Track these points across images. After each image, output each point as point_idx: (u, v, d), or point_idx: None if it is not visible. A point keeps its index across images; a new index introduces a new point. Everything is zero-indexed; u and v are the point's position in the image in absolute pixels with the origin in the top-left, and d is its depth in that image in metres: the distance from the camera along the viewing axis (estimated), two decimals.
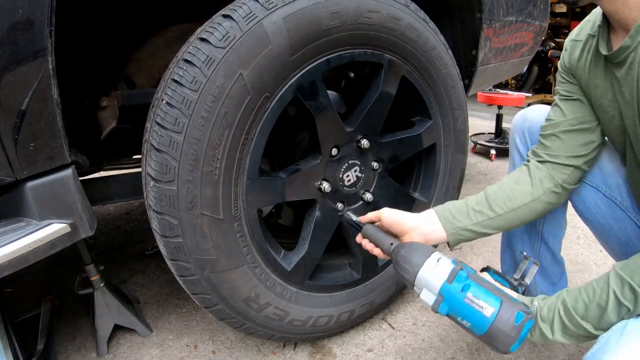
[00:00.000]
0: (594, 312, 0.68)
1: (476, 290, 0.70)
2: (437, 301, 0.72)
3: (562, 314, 0.70)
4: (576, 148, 0.88)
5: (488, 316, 0.67)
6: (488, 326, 0.67)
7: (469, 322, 0.69)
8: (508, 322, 0.66)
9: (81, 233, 0.82)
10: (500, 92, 3.22)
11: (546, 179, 0.90)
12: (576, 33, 0.89)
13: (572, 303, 0.70)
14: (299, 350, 1.20)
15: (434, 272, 0.74)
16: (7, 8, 0.63)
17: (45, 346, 1.14)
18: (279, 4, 0.83)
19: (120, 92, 1.11)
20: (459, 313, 0.71)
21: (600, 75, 0.81)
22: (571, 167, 0.89)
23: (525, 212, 0.90)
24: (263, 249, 0.97)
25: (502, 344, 0.67)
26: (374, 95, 1.06)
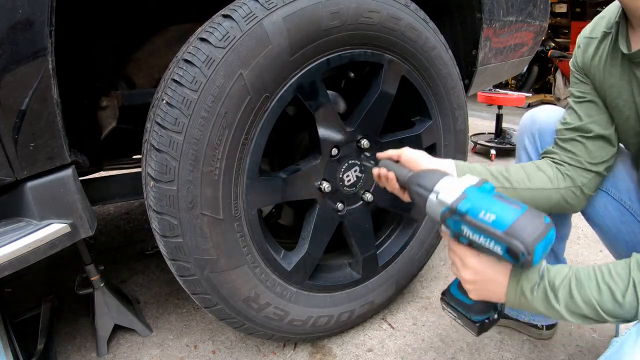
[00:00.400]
0: (606, 293, 0.62)
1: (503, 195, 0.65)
2: (459, 198, 0.65)
3: (572, 284, 0.64)
4: (598, 154, 0.87)
5: (517, 209, 0.61)
6: (517, 217, 0.60)
7: (494, 214, 0.61)
8: (538, 217, 0.60)
9: (81, 233, 0.82)
10: (500, 92, 3.22)
11: (568, 177, 0.88)
12: (590, 30, 0.87)
13: (585, 277, 0.64)
14: (299, 350, 1.20)
15: (459, 180, 0.69)
16: (7, 8, 0.63)
17: (45, 346, 1.14)
18: (279, 4, 0.83)
19: (120, 92, 1.11)
20: (483, 207, 0.63)
21: (617, 74, 0.79)
22: (592, 172, 0.88)
23: (539, 196, 0.88)
24: (263, 249, 0.97)
25: (530, 235, 0.58)
26: (374, 95, 1.06)
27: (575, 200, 0.90)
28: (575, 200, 0.91)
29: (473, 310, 0.76)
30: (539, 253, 0.59)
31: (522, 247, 0.58)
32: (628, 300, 0.60)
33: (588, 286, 0.63)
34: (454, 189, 0.67)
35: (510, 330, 1.25)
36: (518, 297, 0.67)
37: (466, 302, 0.77)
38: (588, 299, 0.62)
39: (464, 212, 0.64)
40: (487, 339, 1.22)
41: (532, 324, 1.21)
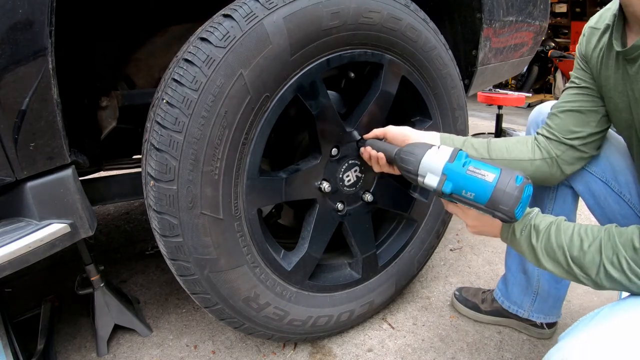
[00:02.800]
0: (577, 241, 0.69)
1: (476, 163, 0.73)
2: (440, 181, 0.75)
3: (552, 228, 0.72)
4: (571, 127, 0.91)
5: (490, 181, 0.69)
6: (491, 190, 0.68)
7: (473, 192, 0.71)
8: (509, 183, 0.68)
9: (81, 233, 0.82)
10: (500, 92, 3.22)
11: (543, 149, 0.95)
12: (595, 20, 0.89)
13: (564, 226, 0.72)
14: (299, 350, 1.20)
15: (436, 156, 0.78)
16: (7, 8, 0.63)
17: (45, 346, 1.14)
18: (279, 4, 0.83)
19: (120, 92, 1.11)
20: (462, 186, 0.72)
21: (612, 68, 0.80)
22: (565, 144, 0.92)
23: (515, 167, 0.93)
24: (263, 249, 0.97)
25: (507, 205, 0.67)
26: (374, 95, 1.06)
27: (551, 172, 0.96)
28: (551, 172, 0.96)
29: None
30: (520, 213, 0.69)
31: (504, 216, 0.69)
32: (592, 251, 0.68)
33: (564, 232, 0.71)
34: (434, 171, 0.77)
35: (510, 330, 1.25)
36: (510, 235, 0.77)
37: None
38: (561, 242, 0.71)
39: (449, 193, 0.75)
40: (487, 339, 1.22)
41: (531, 320, 1.21)
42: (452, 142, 0.96)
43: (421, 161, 0.79)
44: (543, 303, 1.18)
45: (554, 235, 0.71)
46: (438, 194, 0.77)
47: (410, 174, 0.82)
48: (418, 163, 0.80)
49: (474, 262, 1.64)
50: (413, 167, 0.80)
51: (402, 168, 0.84)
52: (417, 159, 0.80)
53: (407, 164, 0.82)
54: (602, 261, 0.66)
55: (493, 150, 0.96)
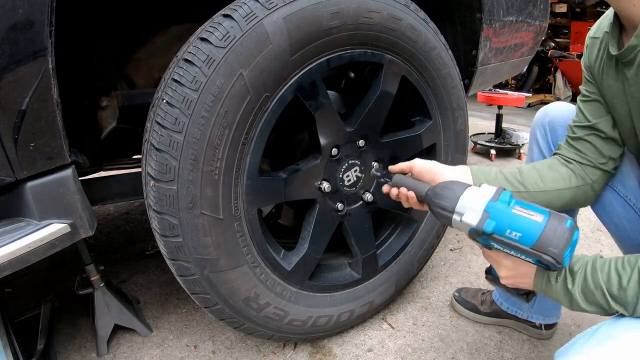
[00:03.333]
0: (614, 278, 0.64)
1: (522, 204, 0.68)
2: (482, 219, 0.68)
3: (587, 269, 0.67)
4: (605, 153, 0.88)
5: (539, 221, 0.64)
6: (540, 231, 0.63)
7: (520, 232, 0.65)
8: (560, 225, 0.63)
9: (81, 233, 0.82)
10: (500, 92, 3.22)
11: (579, 176, 0.90)
12: (595, 30, 0.88)
13: (600, 264, 0.67)
14: (299, 350, 1.20)
15: (477, 194, 0.71)
16: (7, 8, 0.63)
17: (45, 346, 1.14)
18: (279, 4, 0.83)
19: (120, 92, 1.11)
20: (507, 225, 0.66)
21: (612, 75, 0.80)
22: (601, 170, 0.90)
23: (553, 197, 0.90)
24: (263, 249, 0.97)
25: (557, 247, 0.62)
26: (374, 95, 1.06)
27: (586, 196, 0.93)
28: (586, 197, 0.93)
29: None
30: (568, 259, 0.63)
31: (552, 260, 0.62)
32: (632, 286, 0.62)
33: (601, 271, 0.65)
34: (474, 209, 0.69)
35: (510, 330, 1.25)
36: (544, 285, 0.71)
37: None
38: (598, 282, 0.65)
39: (490, 232, 0.67)
40: (487, 339, 1.22)
41: (530, 321, 1.21)
42: (483, 174, 0.90)
43: (460, 197, 0.72)
44: (542, 304, 1.18)
45: (590, 276, 0.66)
46: (477, 233, 0.69)
47: (446, 211, 0.73)
48: (456, 199, 0.72)
49: (474, 262, 1.64)
50: (450, 204, 0.72)
51: (436, 204, 0.76)
52: (456, 195, 0.72)
53: (443, 200, 0.74)
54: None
55: (527, 182, 0.89)
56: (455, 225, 0.73)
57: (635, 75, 0.72)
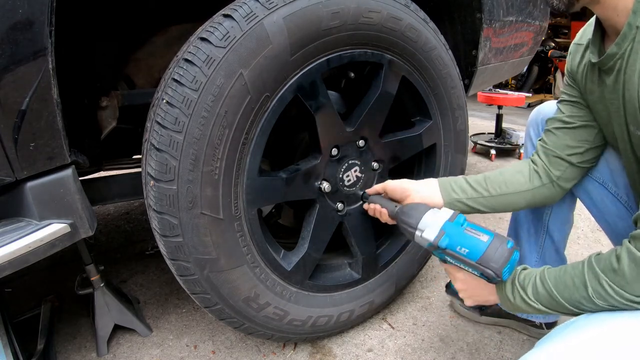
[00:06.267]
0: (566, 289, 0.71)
1: (473, 226, 0.82)
2: (438, 235, 0.81)
3: (536, 280, 0.74)
4: (568, 143, 0.91)
5: (484, 241, 0.77)
6: (485, 249, 0.76)
7: (467, 249, 0.78)
8: (501, 245, 0.76)
9: (81, 233, 0.82)
10: (500, 92, 3.22)
11: (543, 174, 0.94)
12: (579, 37, 0.89)
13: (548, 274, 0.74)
14: (299, 350, 1.20)
15: (437, 214, 0.85)
16: (7, 8, 0.63)
17: (45, 346, 1.14)
18: (279, 4, 0.83)
19: (120, 92, 1.11)
20: (458, 242, 0.79)
21: (595, 81, 0.81)
22: (565, 162, 0.92)
23: (516, 199, 0.96)
24: (263, 249, 0.97)
25: (497, 262, 0.74)
26: (374, 96, 1.06)
27: (551, 194, 0.96)
28: (550, 195, 0.96)
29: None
30: (507, 274, 0.75)
31: (492, 273, 0.74)
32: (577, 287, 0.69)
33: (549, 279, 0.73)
34: (433, 227, 0.83)
35: (510, 330, 1.25)
36: (506, 302, 0.80)
37: None
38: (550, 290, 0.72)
39: (444, 247, 0.81)
40: (487, 339, 1.22)
41: (530, 321, 1.21)
42: (450, 184, 0.98)
43: (423, 217, 0.85)
44: None
45: (540, 287, 0.74)
46: (433, 247, 0.82)
47: (410, 227, 0.87)
48: (420, 218, 0.86)
49: None
50: (414, 221, 0.86)
51: (403, 221, 0.89)
52: (419, 215, 0.86)
53: (409, 218, 0.88)
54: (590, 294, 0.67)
55: (491, 187, 0.96)
56: (417, 240, 0.87)
57: (613, 83, 0.73)
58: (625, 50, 0.67)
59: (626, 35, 0.66)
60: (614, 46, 0.69)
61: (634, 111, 0.68)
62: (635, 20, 0.64)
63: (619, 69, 0.70)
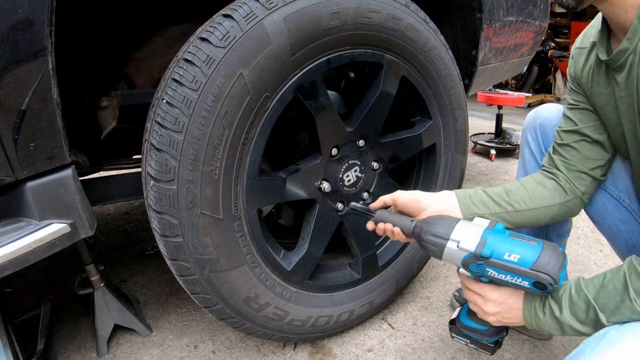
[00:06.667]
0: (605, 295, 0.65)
1: (517, 233, 0.73)
2: (480, 244, 0.71)
3: (572, 291, 0.69)
4: (591, 158, 0.88)
5: (536, 245, 0.69)
6: (539, 252, 0.67)
7: (518, 255, 0.68)
8: (554, 248, 0.68)
9: (81, 233, 0.82)
10: (500, 92, 3.22)
11: (568, 189, 0.90)
12: (580, 40, 0.88)
13: (584, 282, 0.69)
14: (299, 350, 1.20)
15: (472, 224, 0.75)
16: (7, 8, 0.63)
17: (45, 346, 1.14)
18: (279, 4, 0.83)
19: (120, 92, 1.11)
20: (505, 249, 0.69)
21: (603, 83, 0.80)
22: (589, 177, 0.89)
23: (542, 214, 0.91)
24: (263, 249, 0.97)
25: (554, 265, 0.66)
26: (374, 96, 1.06)
27: (575, 208, 0.93)
28: (574, 209, 0.93)
29: (487, 334, 0.83)
30: (562, 280, 0.67)
31: (550, 279, 0.65)
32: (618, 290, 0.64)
33: (585, 288, 0.67)
34: (472, 235, 0.73)
35: (510, 331, 1.25)
36: (534, 319, 0.73)
37: (480, 328, 0.83)
38: (586, 298, 0.67)
39: (488, 256, 0.70)
40: None
41: None
42: (470, 198, 0.90)
43: (456, 226, 0.75)
44: None
45: (576, 295, 0.68)
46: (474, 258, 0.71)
47: (440, 239, 0.75)
48: (452, 228, 0.75)
49: None
50: (445, 231, 0.75)
51: (429, 232, 0.77)
52: (451, 224, 0.75)
53: (437, 228, 0.76)
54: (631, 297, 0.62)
55: (515, 201, 0.89)
56: (447, 254, 0.74)
57: (625, 79, 0.73)
58: (636, 45, 0.67)
59: (637, 30, 0.66)
60: (625, 41, 0.68)
61: None
62: None
63: (631, 64, 0.70)
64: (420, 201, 0.87)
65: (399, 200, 0.88)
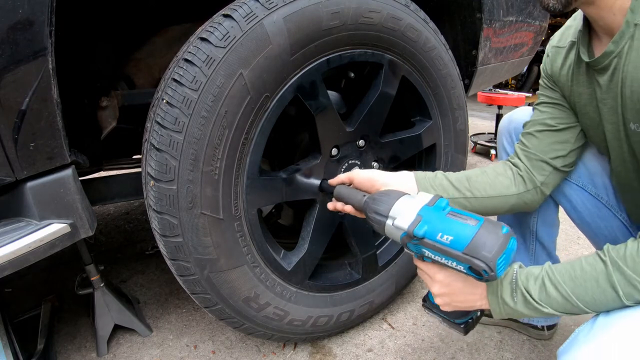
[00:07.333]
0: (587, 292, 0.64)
1: (457, 210, 0.66)
2: (414, 222, 0.66)
3: (545, 280, 0.66)
4: (551, 147, 0.89)
5: (473, 224, 0.61)
6: (473, 234, 0.60)
7: (451, 236, 0.62)
8: (494, 229, 0.60)
9: (81, 233, 0.82)
10: (500, 92, 3.23)
11: (527, 179, 0.91)
12: (558, 39, 0.89)
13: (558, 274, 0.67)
14: (299, 350, 1.20)
15: (413, 199, 0.70)
16: (7, 8, 0.63)
17: (45, 346, 1.14)
18: (279, 4, 0.83)
19: (120, 92, 1.11)
20: (439, 229, 0.63)
21: (584, 83, 0.80)
22: (549, 166, 0.89)
23: (500, 203, 0.91)
24: (263, 249, 0.97)
25: (490, 250, 0.58)
26: (374, 96, 1.06)
27: (534, 200, 0.93)
28: (533, 201, 0.93)
29: (454, 315, 0.78)
30: (502, 267, 0.59)
31: (484, 265, 0.58)
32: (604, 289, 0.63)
33: (562, 280, 0.65)
34: (408, 212, 0.67)
35: (510, 331, 1.25)
36: (502, 307, 0.69)
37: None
38: (565, 292, 0.65)
39: (421, 236, 0.65)
40: (487, 339, 1.22)
41: (532, 324, 1.21)
42: (429, 181, 0.89)
43: (396, 203, 0.70)
44: None
45: (552, 290, 0.65)
46: (408, 237, 0.67)
47: (380, 215, 0.72)
48: (392, 204, 0.70)
49: None
50: (385, 208, 0.71)
51: (372, 209, 0.74)
52: (391, 200, 0.71)
53: (379, 205, 0.72)
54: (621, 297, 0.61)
55: (475, 188, 0.89)
56: (388, 231, 0.71)
57: (608, 82, 0.73)
58: (622, 49, 0.67)
59: (624, 34, 0.66)
60: (610, 44, 0.69)
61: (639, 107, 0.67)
62: (633, 18, 0.65)
63: (615, 67, 0.70)
64: (376, 180, 0.85)
65: (356, 178, 0.87)
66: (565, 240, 1.76)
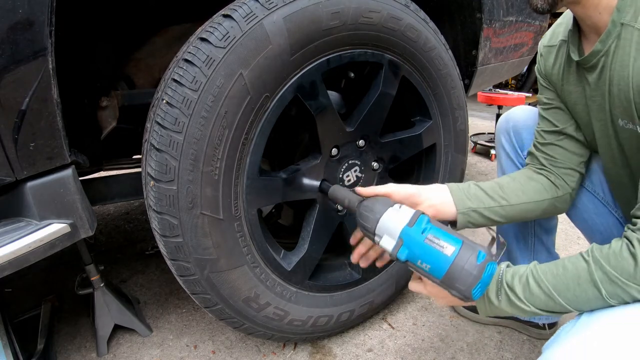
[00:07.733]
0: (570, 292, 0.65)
1: (437, 232, 0.67)
2: (396, 245, 0.68)
3: (529, 281, 0.67)
4: (577, 154, 0.89)
5: (448, 255, 0.63)
6: (448, 265, 0.63)
7: (429, 264, 0.65)
8: (469, 260, 0.62)
9: (81, 233, 0.82)
10: (500, 92, 3.22)
11: (560, 185, 0.91)
12: (549, 38, 0.89)
13: (542, 272, 0.68)
14: (299, 350, 1.20)
15: (395, 216, 0.71)
16: (7, 8, 0.63)
17: (45, 346, 1.14)
18: (279, 4, 0.83)
19: (120, 92, 1.11)
20: (418, 256, 0.67)
21: (574, 81, 0.81)
22: (577, 173, 0.90)
23: (533, 208, 0.90)
24: (263, 249, 0.97)
25: (464, 283, 0.62)
26: (374, 96, 1.06)
27: (564, 204, 0.94)
28: (564, 205, 0.94)
29: None
30: (478, 293, 0.63)
31: (459, 295, 0.63)
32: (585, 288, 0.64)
33: (545, 279, 0.67)
34: (391, 232, 0.70)
35: (510, 331, 1.25)
36: (488, 306, 0.72)
37: None
38: (548, 291, 0.66)
39: (403, 261, 0.69)
40: (487, 339, 1.22)
41: (532, 322, 1.21)
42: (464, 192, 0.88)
43: (379, 220, 0.72)
44: None
45: (535, 288, 0.67)
46: (393, 259, 0.71)
47: (368, 232, 0.74)
48: (376, 222, 0.72)
49: None
50: (371, 225, 0.73)
51: (360, 224, 0.76)
52: (376, 217, 0.73)
53: (366, 221, 0.75)
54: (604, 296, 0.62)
55: (509, 195, 0.89)
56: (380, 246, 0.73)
57: (597, 80, 0.73)
58: (609, 47, 0.68)
59: (610, 33, 0.67)
60: (598, 43, 0.70)
61: (627, 104, 0.68)
62: (619, 17, 0.66)
63: (603, 65, 0.71)
64: (413, 194, 0.85)
65: (395, 195, 0.84)
66: (565, 240, 1.76)
